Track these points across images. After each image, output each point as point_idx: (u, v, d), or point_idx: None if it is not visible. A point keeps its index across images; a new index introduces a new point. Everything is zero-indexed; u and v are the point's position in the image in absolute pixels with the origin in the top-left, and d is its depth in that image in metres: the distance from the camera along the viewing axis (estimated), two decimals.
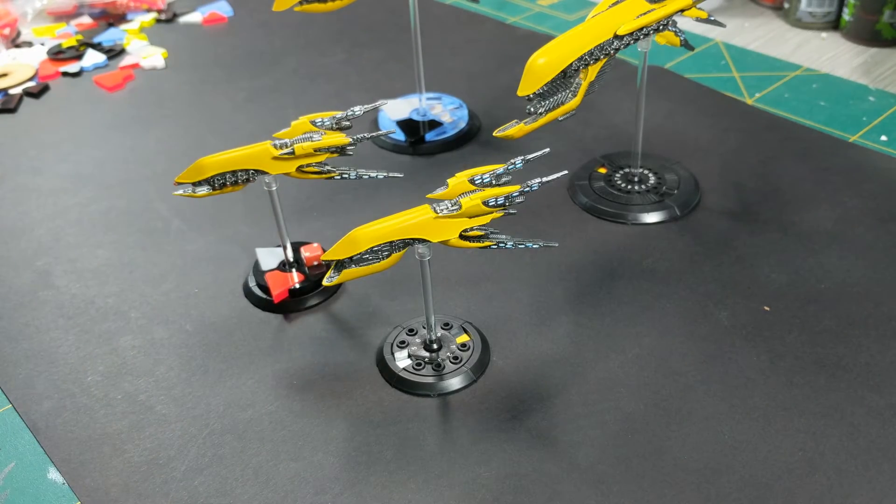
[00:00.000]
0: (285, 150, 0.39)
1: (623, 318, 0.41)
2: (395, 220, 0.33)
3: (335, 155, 0.40)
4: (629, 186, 0.50)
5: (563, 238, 0.47)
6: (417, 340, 0.40)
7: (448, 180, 0.34)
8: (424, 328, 0.40)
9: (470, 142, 0.57)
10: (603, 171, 0.52)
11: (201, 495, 0.34)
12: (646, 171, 0.51)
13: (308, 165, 0.40)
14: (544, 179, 0.34)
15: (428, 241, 0.34)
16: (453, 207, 0.33)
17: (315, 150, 0.39)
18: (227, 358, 0.41)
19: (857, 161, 0.52)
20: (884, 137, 0.54)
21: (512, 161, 0.34)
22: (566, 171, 0.35)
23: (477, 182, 0.34)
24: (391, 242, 0.33)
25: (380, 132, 0.42)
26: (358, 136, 0.39)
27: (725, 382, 0.37)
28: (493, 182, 0.34)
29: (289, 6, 0.49)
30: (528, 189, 0.34)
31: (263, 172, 0.40)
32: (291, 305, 0.44)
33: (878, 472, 0.33)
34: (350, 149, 0.39)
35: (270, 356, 0.41)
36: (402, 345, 0.40)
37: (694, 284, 0.43)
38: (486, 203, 0.33)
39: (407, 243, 0.34)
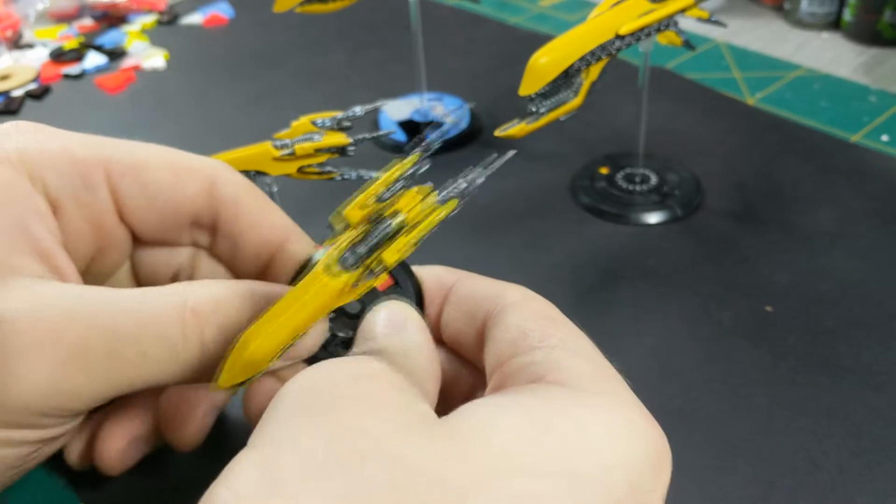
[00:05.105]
0: (286, 151, 0.39)
1: (624, 319, 0.41)
2: (291, 311, 0.25)
3: (336, 155, 0.40)
4: (631, 187, 0.50)
5: (564, 239, 0.47)
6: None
7: (342, 211, 0.26)
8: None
9: (472, 142, 0.57)
10: (604, 171, 0.52)
11: None
12: (647, 172, 0.51)
13: (309, 166, 0.40)
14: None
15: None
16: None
17: (316, 151, 0.39)
18: None
19: (858, 161, 0.52)
20: (885, 137, 0.54)
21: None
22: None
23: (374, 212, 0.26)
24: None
25: (380, 132, 0.42)
26: (359, 136, 0.39)
27: (728, 382, 0.37)
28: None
29: (290, 7, 0.49)
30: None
31: (264, 174, 0.40)
32: None
33: (880, 471, 0.33)
34: (351, 149, 0.39)
35: None
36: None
37: (696, 285, 0.43)
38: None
39: None
